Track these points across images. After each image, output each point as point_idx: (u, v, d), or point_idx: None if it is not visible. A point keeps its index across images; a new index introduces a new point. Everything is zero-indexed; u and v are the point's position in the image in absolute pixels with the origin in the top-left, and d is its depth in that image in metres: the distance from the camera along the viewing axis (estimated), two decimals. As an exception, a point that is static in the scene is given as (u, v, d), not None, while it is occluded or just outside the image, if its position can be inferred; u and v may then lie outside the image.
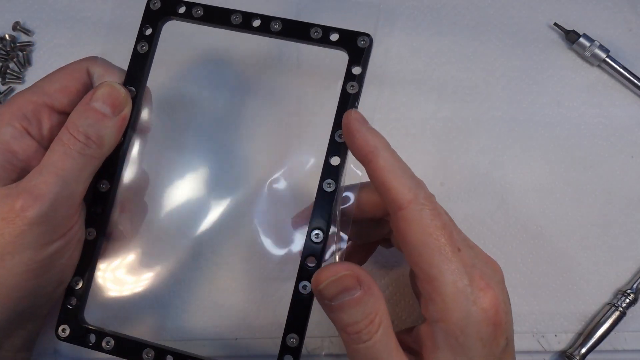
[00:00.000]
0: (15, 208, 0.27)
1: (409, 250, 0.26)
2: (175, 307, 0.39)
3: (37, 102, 0.30)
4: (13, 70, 0.44)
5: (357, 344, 0.25)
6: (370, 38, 0.30)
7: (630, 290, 0.38)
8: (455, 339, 0.24)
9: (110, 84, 0.30)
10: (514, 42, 0.44)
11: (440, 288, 0.25)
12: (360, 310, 0.25)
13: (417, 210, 0.25)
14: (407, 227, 0.25)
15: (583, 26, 0.44)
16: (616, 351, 0.38)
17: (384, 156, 0.26)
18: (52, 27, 0.44)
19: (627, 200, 0.41)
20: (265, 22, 0.30)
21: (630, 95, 0.43)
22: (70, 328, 0.31)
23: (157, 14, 0.31)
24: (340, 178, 0.29)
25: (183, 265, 0.39)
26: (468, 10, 0.45)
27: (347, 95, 0.29)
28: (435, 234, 0.25)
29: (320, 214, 0.29)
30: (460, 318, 0.24)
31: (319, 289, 0.26)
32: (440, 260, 0.25)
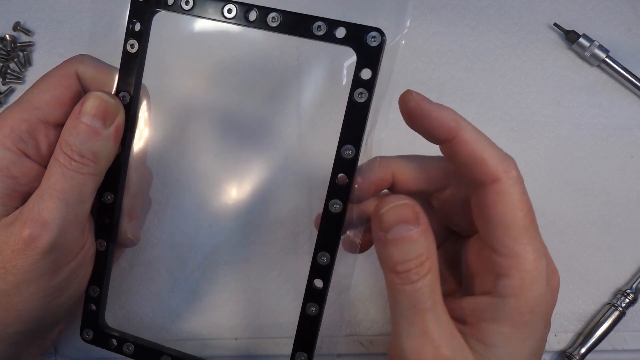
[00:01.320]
0: (23, 238, 0.26)
1: (494, 223, 0.25)
2: (176, 307, 0.39)
3: (30, 120, 0.28)
4: (14, 71, 0.44)
5: (404, 284, 0.24)
6: (381, 34, 0.25)
7: (630, 290, 0.38)
8: (521, 316, 0.24)
9: (98, 95, 0.28)
10: (513, 42, 0.44)
11: (521, 265, 0.24)
12: (414, 249, 0.24)
13: (510, 185, 0.25)
14: (498, 200, 0.25)
15: (583, 26, 0.44)
16: (616, 351, 0.39)
17: (468, 128, 0.25)
18: (52, 28, 0.44)
19: (626, 200, 0.41)
20: (262, 14, 0.27)
21: (629, 96, 0.43)
22: (94, 332, 0.31)
23: (144, 5, 0.28)
24: (348, 199, 0.27)
25: (183, 265, 0.39)
26: (468, 10, 0.45)
27: (355, 105, 0.26)
28: (525, 210, 0.25)
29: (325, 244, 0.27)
30: (534, 297, 0.24)
31: (380, 212, 0.25)
32: (527, 238, 0.25)
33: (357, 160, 0.26)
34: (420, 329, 0.24)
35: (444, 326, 0.25)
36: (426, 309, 0.24)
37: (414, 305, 0.24)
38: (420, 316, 0.24)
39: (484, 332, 0.25)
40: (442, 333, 0.24)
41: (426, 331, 0.24)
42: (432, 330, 0.24)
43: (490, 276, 0.26)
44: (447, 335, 0.25)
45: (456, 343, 0.25)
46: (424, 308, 0.24)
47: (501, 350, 0.25)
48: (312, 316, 0.28)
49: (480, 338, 0.25)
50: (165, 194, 0.40)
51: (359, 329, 0.38)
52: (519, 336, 0.25)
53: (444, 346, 0.24)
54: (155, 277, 0.39)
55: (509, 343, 0.25)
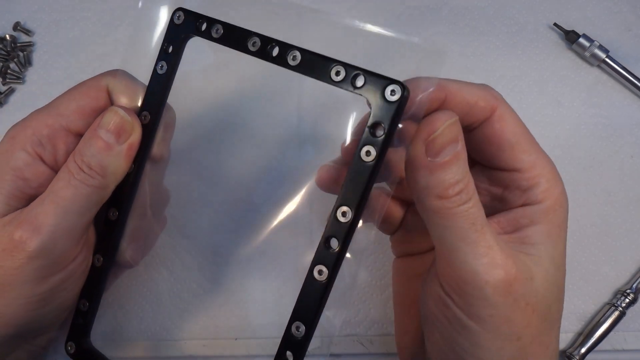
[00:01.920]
0: (14, 239, 0.26)
1: (507, 145, 0.26)
2: (176, 306, 0.39)
3: (53, 125, 0.28)
4: (14, 71, 0.44)
5: (458, 205, 0.24)
6: (403, 89, 0.22)
7: (630, 290, 0.38)
8: (554, 213, 0.26)
9: (116, 110, 0.28)
10: (513, 43, 0.44)
11: (543, 170, 0.26)
12: (463, 167, 0.24)
13: (505, 109, 0.26)
14: (503, 124, 0.26)
15: (583, 26, 0.44)
16: (616, 351, 0.39)
17: (449, 84, 0.26)
18: (52, 28, 0.44)
19: (626, 200, 0.41)
20: (283, 51, 0.25)
21: (629, 96, 0.43)
22: (76, 346, 0.31)
23: (180, 29, 0.28)
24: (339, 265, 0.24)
25: (183, 265, 0.39)
26: (468, 10, 0.45)
27: (360, 164, 0.23)
28: (522, 124, 0.27)
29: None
30: (559, 193, 0.26)
31: (434, 135, 0.23)
32: (535, 145, 0.27)
33: (354, 226, 0.24)
34: (485, 245, 0.24)
35: (500, 239, 0.25)
36: (484, 224, 0.24)
37: (472, 224, 0.24)
38: (481, 232, 0.24)
39: (528, 234, 0.26)
40: (502, 245, 0.24)
41: (491, 245, 0.24)
42: (495, 243, 0.24)
43: (516, 192, 0.27)
44: (507, 246, 0.25)
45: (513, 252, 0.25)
46: (482, 224, 0.24)
47: (546, 244, 0.26)
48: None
49: (525, 240, 0.26)
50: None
51: (359, 329, 0.38)
52: (556, 230, 0.26)
53: (509, 256, 0.24)
54: (155, 276, 0.39)
55: (550, 238, 0.26)
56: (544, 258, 0.26)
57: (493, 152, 0.27)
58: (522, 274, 0.24)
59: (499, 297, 0.24)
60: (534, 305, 0.25)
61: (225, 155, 0.41)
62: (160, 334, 0.38)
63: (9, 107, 0.43)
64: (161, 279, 0.39)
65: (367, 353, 0.38)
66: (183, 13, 0.28)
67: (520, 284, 0.24)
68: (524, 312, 0.25)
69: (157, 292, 0.39)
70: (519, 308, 0.24)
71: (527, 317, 0.25)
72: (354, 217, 0.24)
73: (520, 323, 0.25)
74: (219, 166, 0.41)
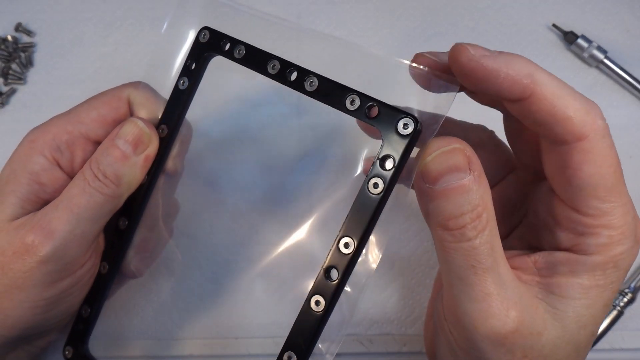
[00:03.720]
0: (26, 242, 0.26)
1: (579, 185, 0.22)
2: (176, 306, 0.39)
3: (72, 132, 0.29)
4: (15, 71, 0.44)
5: (459, 241, 0.21)
6: (416, 123, 0.22)
7: (628, 289, 0.39)
8: (604, 271, 0.23)
9: (135, 122, 0.28)
10: (513, 43, 0.44)
11: (609, 224, 0.22)
12: (467, 200, 0.21)
13: (598, 140, 0.22)
14: (585, 159, 0.22)
15: (581, 27, 0.44)
16: (614, 350, 0.39)
17: (546, 81, 0.22)
18: (53, 28, 0.45)
19: (625, 200, 0.41)
20: (301, 76, 0.25)
21: (628, 96, 0.43)
22: (74, 352, 0.31)
23: (205, 47, 0.29)
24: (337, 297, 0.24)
25: (184, 265, 0.39)
26: (467, 11, 0.45)
27: (366, 196, 0.23)
28: (614, 166, 0.22)
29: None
30: (621, 252, 0.22)
31: (425, 162, 0.22)
32: (616, 195, 0.22)
33: (356, 258, 0.23)
34: (483, 290, 0.21)
35: (509, 286, 0.22)
36: (487, 268, 0.21)
37: (472, 266, 0.21)
38: (481, 277, 0.21)
39: (561, 284, 0.23)
40: (508, 294, 0.22)
41: (489, 293, 0.21)
42: (496, 292, 0.21)
43: (568, 234, 0.23)
44: (514, 295, 0.22)
45: (525, 302, 0.22)
46: (485, 268, 0.21)
47: (578, 302, 0.23)
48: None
49: (555, 290, 0.23)
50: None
51: (359, 328, 0.38)
52: (599, 289, 0.23)
53: (512, 308, 0.22)
54: (155, 276, 0.39)
55: (587, 295, 0.23)
56: (568, 315, 0.23)
57: (561, 181, 0.23)
58: (526, 328, 0.22)
59: (488, 346, 0.22)
60: (534, 359, 0.23)
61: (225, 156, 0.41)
62: (160, 334, 0.38)
63: (11, 108, 0.44)
64: (161, 279, 0.39)
65: (367, 352, 0.38)
66: (209, 32, 0.28)
67: (520, 338, 0.22)
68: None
69: (158, 291, 0.39)
70: (514, 357, 0.23)
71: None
72: (356, 249, 0.23)
73: None
74: (220, 168, 0.41)
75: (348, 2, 0.46)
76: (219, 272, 0.39)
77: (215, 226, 0.40)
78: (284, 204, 0.40)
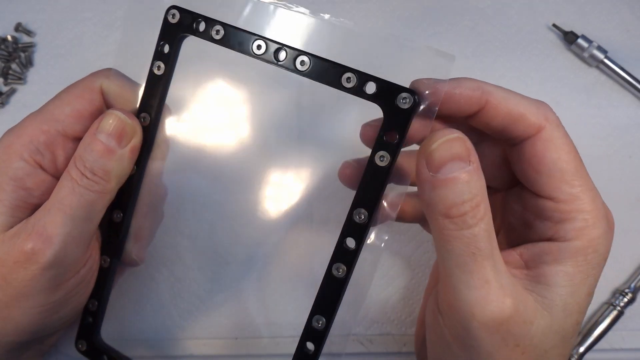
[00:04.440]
0: (25, 251, 0.26)
1: (547, 171, 0.24)
2: (176, 306, 0.39)
3: (49, 131, 0.28)
4: (15, 71, 0.44)
5: (460, 229, 0.22)
6: (415, 97, 0.23)
7: (629, 289, 0.39)
8: (585, 257, 0.24)
9: (116, 114, 0.27)
10: (513, 43, 0.44)
11: (582, 207, 0.24)
12: (468, 189, 0.22)
13: (553, 129, 0.25)
14: (546, 147, 0.24)
15: (581, 27, 0.44)
16: (614, 350, 0.39)
17: (494, 90, 0.25)
18: (53, 28, 0.45)
19: (625, 200, 0.41)
20: (291, 56, 0.25)
21: (628, 96, 0.43)
22: (87, 344, 0.31)
23: (175, 29, 0.27)
24: (354, 264, 0.26)
25: (184, 265, 0.39)
26: (467, 11, 0.45)
27: (375, 168, 0.24)
28: (574, 152, 0.25)
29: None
30: (598, 235, 0.24)
31: (430, 149, 0.23)
32: (583, 178, 0.25)
33: (368, 226, 0.25)
34: (482, 278, 0.23)
35: (504, 274, 0.23)
36: (486, 255, 0.23)
37: (472, 253, 0.22)
38: (480, 264, 0.23)
39: (547, 273, 0.24)
40: (504, 281, 0.23)
41: (488, 280, 0.23)
42: (494, 279, 0.23)
43: (546, 223, 0.25)
44: (509, 283, 0.23)
45: (517, 290, 0.24)
46: (484, 255, 0.23)
47: (564, 289, 0.24)
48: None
49: (542, 280, 0.24)
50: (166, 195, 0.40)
51: (359, 328, 0.38)
52: (581, 275, 0.24)
53: (508, 295, 0.23)
54: (155, 276, 0.39)
55: (571, 282, 0.24)
56: (555, 303, 0.24)
57: (531, 173, 0.25)
58: (519, 317, 0.23)
59: (484, 333, 0.23)
60: (525, 348, 0.24)
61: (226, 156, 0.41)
62: (160, 334, 0.38)
63: (11, 108, 0.44)
64: (162, 278, 0.39)
65: (367, 352, 0.38)
66: (178, 12, 0.27)
67: (514, 326, 0.23)
68: (511, 351, 0.24)
69: (158, 291, 0.39)
70: (506, 346, 0.23)
71: (515, 357, 0.24)
72: (369, 217, 0.25)
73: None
74: (220, 167, 0.41)
75: (348, 2, 0.46)
76: (219, 272, 0.39)
77: (215, 226, 0.40)
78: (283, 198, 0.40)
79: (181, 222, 0.40)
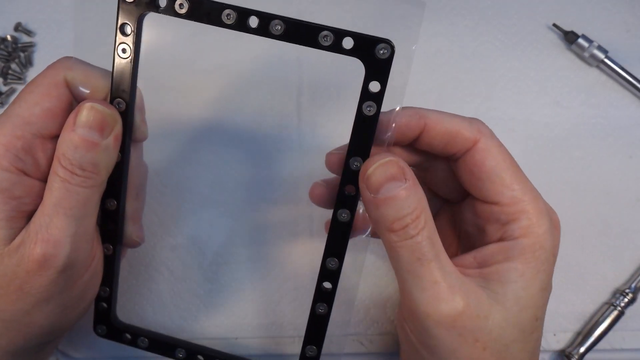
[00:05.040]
0: (35, 259, 0.26)
1: (488, 178, 0.27)
2: (176, 306, 0.39)
3: (24, 136, 0.26)
4: (15, 71, 0.44)
5: (404, 240, 0.25)
6: (391, 46, 0.24)
7: (629, 289, 0.39)
8: (533, 252, 0.26)
9: (93, 106, 0.26)
10: (513, 43, 0.44)
11: (525, 207, 0.26)
12: (407, 204, 0.25)
13: (488, 140, 0.27)
14: (485, 156, 0.27)
15: (582, 27, 0.44)
16: (614, 350, 0.39)
17: (428, 113, 0.28)
18: (53, 28, 0.44)
19: (625, 200, 0.41)
20: (264, 21, 0.25)
21: (628, 96, 0.43)
22: (107, 327, 0.32)
23: (134, 7, 0.26)
24: (355, 209, 0.28)
25: (184, 265, 0.39)
26: (467, 10, 0.45)
27: (363, 118, 0.26)
28: (510, 158, 0.27)
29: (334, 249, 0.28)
30: (543, 232, 0.26)
31: (367, 174, 0.25)
32: (521, 181, 0.27)
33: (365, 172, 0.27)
34: (430, 279, 0.25)
35: (453, 274, 0.25)
36: (430, 259, 0.25)
37: (418, 259, 0.25)
38: (427, 267, 0.25)
39: (499, 271, 0.26)
40: (451, 281, 0.25)
41: (437, 281, 0.25)
42: (442, 279, 0.25)
43: (495, 226, 0.27)
44: (457, 281, 0.25)
45: (468, 288, 0.25)
46: (428, 259, 0.25)
47: (516, 284, 0.26)
48: (321, 315, 0.29)
49: (494, 277, 0.26)
50: (166, 195, 0.40)
51: (359, 328, 0.38)
52: (531, 270, 0.26)
53: (457, 293, 0.25)
54: (155, 276, 0.39)
55: (522, 277, 0.26)
56: (508, 298, 0.26)
57: (474, 182, 0.28)
58: (473, 311, 0.25)
59: (442, 330, 0.25)
60: (486, 343, 0.25)
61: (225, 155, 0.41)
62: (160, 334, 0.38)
63: (10, 108, 0.44)
64: (161, 278, 0.39)
65: (367, 352, 0.38)
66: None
67: (468, 320, 0.25)
68: (472, 347, 0.25)
69: (158, 292, 0.39)
70: (466, 343, 0.25)
71: (477, 353, 0.25)
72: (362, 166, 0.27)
73: (468, 357, 0.25)
74: (219, 166, 0.41)
75: (348, 2, 0.46)
76: (219, 272, 0.39)
77: (215, 226, 0.40)
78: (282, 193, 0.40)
79: (181, 222, 0.40)
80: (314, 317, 0.29)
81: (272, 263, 0.39)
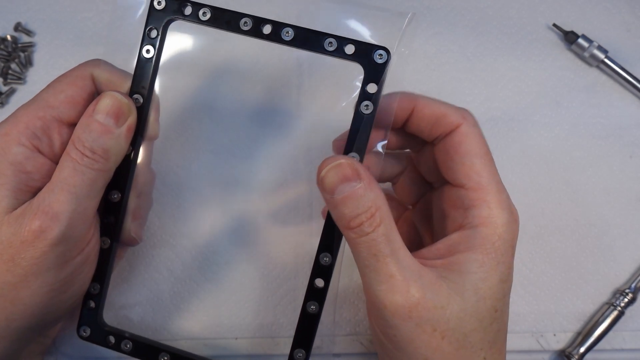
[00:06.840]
0: (33, 229, 0.26)
1: (460, 160, 0.28)
2: (176, 306, 0.39)
3: (44, 117, 0.29)
4: (15, 71, 0.44)
5: (360, 236, 0.26)
6: (388, 53, 0.28)
7: (629, 289, 0.39)
8: (492, 243, 0.27)
9: (113, 94, 0.29)
10: (513, 43, 0.44)
11: (488, 195, 0.27)
12: (361, 203, 0.26)
13: (470, 126, 0.29)
14: (462, 140, 0.28)
15: (582, 27, 0.44)
16: (614, 350, 0.39)
17: (418, 96, 0.29)
18: (53, 28, 0.44)
19: (625, 200, 0.41)
20: (276, 29, 0.28)
21: (628, 96, 0.43)
22: (91, 329, 0.32)
23: (162, 14, 0.29)
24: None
25: (183, 264, 0.39)
26: (467, 10, 0.45)
27: (361, 116, 0.28)
28: (486, 149, 0.29)
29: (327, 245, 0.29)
30: (502, 223, 0.27)
31: (321, 176, 0.27)
32: (490, 172, 0.28)
33: (361, 164, 0.28)
34: (386, 273, 0.26)
35: (409, 268, 0.26)
36: (386, 254, 0.26)
37: (374, 254, 0.26)
38: (383, 262, 0.26)
39: (459, 261, 0.27)
40: (407, 274, 0.26)
41: (392, 274, 0.26)
42: (396, 273, 0.26)
43: (459, 211, 0.28)
44: (414, 275, 0.26)
45: (425, 281, 0.26)
46: (384, 254, 0.26)
47: (475, 275, 0.27)
48: (311, 314, 0.29)
49: (455, 267, 0.27)
50: (165, 194, 0.40)
51: (359, 328, 0.38)
52: (491, 262, 0.27)
53: (413, 285, 0.26)
54: (155, 276, 0.39)
55: (482, 268, 0.27)
56: (466, 288, 0.26)
57: (447, 163, 0.29)
58: (430, 302, 0.26)
59: (398, 320, 0.26)
60: (443, 332, 0.26)
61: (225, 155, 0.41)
62: (160, 334, 0.38)
63: (11, 107, 0.43)
64: (161, 278, 0.39)
65: (367, 352, 0.38)
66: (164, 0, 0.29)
67: (425, 311, 0.26)
68: (430, 336, 0.26)
69: (158, 291, 0.39)
70: (424, 332, 0.26)
71: (435, 342, 0.26)
72: (360, 159, 0.28)
73: (427, 346, 0.26)
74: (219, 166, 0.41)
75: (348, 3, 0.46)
76: (219, 272, 0.39)
77: (215, 226, 0.40)
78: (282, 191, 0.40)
79: (181, 222, 0.40)
80: (305, 316, 0.30)
81: (272, 263, 0.39)
